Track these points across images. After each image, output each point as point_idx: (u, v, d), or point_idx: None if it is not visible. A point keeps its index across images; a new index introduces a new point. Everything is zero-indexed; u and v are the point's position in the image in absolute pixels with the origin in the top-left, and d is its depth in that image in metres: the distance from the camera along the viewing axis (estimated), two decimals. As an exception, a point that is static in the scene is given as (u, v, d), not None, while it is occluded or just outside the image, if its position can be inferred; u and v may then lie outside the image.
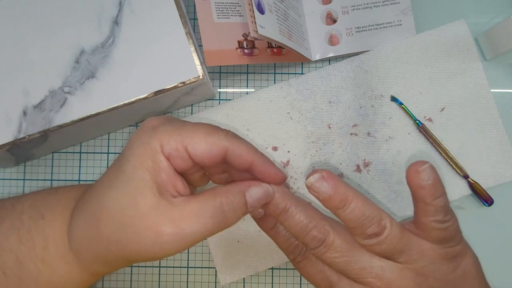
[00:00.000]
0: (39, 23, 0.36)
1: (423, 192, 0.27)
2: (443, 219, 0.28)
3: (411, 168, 0.28)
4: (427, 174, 0.27)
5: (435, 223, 0.28)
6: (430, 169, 0.27)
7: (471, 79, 0.43)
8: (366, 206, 0.27)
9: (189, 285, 0.43)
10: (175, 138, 0.26)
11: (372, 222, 0.27)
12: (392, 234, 0.27)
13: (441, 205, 0.28)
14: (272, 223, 0.31)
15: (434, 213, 0.28)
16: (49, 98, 0.35)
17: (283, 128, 0.43)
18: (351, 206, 0.27)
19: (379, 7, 0.44)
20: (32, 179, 0.44)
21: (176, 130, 0.27)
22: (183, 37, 0.36)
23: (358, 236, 0.28)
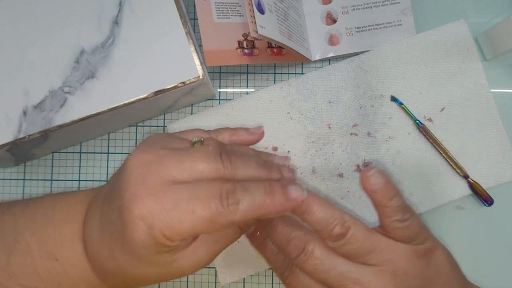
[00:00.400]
0: (39, 23, 0.36)
1: (376, 195, 0.29)
2: (402, 218, 0.29)
3: (362, 175, 0.29)
4: (376, 178, 0.29)
5: (395, 222, 0.29)
6: (378, 173, 0.29)
7: (471, 79, 0.43)
8: (328, 208, 0.29)
9: (189, 285, 0.43)
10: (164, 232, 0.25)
11: (336, 223, 0.28)
12: (356, 233, 0.28)
13: (397, 205, 0.29)
14: (261, 238, 0.32)
15: (392, 214, 0.29)
16: (49, 98, 0.35)
17: (283, 128, 0.43)
18: (314, 208, 0.28)
19: (379, 7, 0.44)
20: (32, 179, 0.44)
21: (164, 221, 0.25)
22: (183, 37, 0.36)
23: (326, 239, 0.29)
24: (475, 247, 0.42)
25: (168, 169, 0.25)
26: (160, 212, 0.24)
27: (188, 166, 0.25)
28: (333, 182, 0.42)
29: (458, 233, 0.43)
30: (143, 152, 0.26)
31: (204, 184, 0.25)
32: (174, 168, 0.25)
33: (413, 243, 0.30)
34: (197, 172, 0.25)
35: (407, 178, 0.42)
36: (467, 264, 0.42)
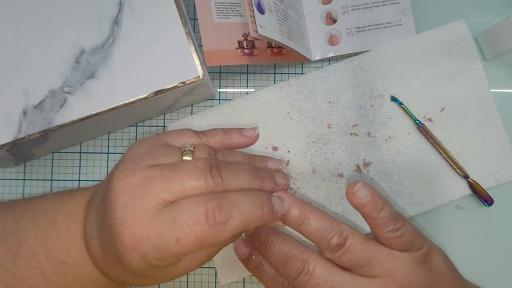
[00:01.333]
0: (39, 23, 0.36)
1: (366, 209, 0.28)
2: (395, 227, 0.29)
3: (347, 191, 0.29)
4: (362, 192, 0.28)
5: (389, 233, 0.29)
6: (364, 187, 0.28)
7: (471, 79, 0.43)
8: (325, 219, 0.28)
9: (189, 285, 0.43)
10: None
11: (334, 234, 0.28)
12: (355, 242, 0.28)
13: (387, 215, 0.28)
14: (257, 262, 0.32)
15: (384, 225, 0.28)
16: (49, 98, 0.35)
17: (283, 128, 0.43)
18: (310, 220, 0.28)
19: (379, 7, 0.44)
20: (32, 179, 0.44)
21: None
22: (183, 37, 0.36)
23: (324, 251, 0.28)
24: (475, 247, 0.42)
25: (156, 193, 0.24)
26: (149, 241, 0.23)
27: (178, 186, 0.24)
28: (333, 182, 0.42)
29: (458, 233, 0.43)
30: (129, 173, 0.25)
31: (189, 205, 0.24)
32: (162, 191, 0.24)
33: (411, 250, 0.29)
34: (187, 189, 0.24)
35: (407, 178, 0.42)
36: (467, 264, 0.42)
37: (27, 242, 0.29)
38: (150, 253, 0.24)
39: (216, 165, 0.26)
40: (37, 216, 0.30)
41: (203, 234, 0.23)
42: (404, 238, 0.29)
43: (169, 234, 0.23)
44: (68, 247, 0.29)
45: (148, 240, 0.23)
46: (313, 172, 0.42)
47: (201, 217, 0.23)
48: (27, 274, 0.28)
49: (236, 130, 0.31)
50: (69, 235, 0.29)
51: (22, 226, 0.29)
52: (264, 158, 0.31)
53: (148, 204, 0.24)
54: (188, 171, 0.25)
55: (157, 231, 0.23)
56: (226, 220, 0.24)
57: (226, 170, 0.26)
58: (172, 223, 0.23)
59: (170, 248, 0.23)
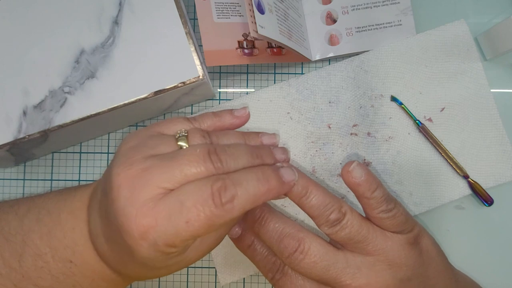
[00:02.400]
0: (39, 23, 0.36)
1: (360, 188, 0.29)
2: (387, 208, 0.29)
3: (343, 170, 0.30)
4: (357, 172, 0.29)
5: (382, 213, 0.29)
6: (359, 167, 0.29)
7: (471, 79, 0.43)
8: (326, 194, 0.29)
9: (189, 285, 0.43)
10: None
11: (333, 209, 0.29)
12: (352, 218, 0.29)
13: (380, 195, 0.29)
14: (249, 241, 0.31)
15: (377, 205, 0.29)
16: (49, 98, 0.35)
17: (283, 128, 0.43)
18: (312, 193, 0.29)
19: (379, 7, 0.44)
20: (32, 179, 0.44)
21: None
22: (183, 37, 0.36)
23: (322, 225, 0.29)
24: (475, 247, 0.42)
25: (156, 183, 0.24)
26: (158, 229, 0.23)
27: (178, 174, 0.24)
28: (333, 182, 0.42)
29: (458, 233, 0.43)
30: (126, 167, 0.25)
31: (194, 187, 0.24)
32: (162, 180, 0.24)
33: (403, 232, 0.30)
34: (189, 177, 0.24)
35: (407, 178, 0.42)
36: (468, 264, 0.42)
37: (33, 242, 0.29)
38: (160, 240, 0.24)
39: (214, 150, 0.26)
40: (41, 216, 0.30)
41: (212, 214, 0.23)
42: (396, 219, 0.30)
43: (179, 217, 0.23)
44: (75, 246, 0.29)
45: (157, 227, 0.23)
46: (313, 172, 0.42)
47: (208, 198, 0.23)
48: (35, 273, 0.28)
49: (226, 111, 0.31)
50: (74, 234, 0.29)
51: (26, 226, 0.29)
52: (258, 134, 0.31)
53: (149, 194, 0.24)
54: (187, 159, 0.25)
55: (165, 216, 0.23)
56: (232, 198, 0.24)
57: (225, 154, 0.26)
58: (180, 207, 0.23)
59: (180, 232, 0.23)
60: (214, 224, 0.24)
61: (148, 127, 0.29)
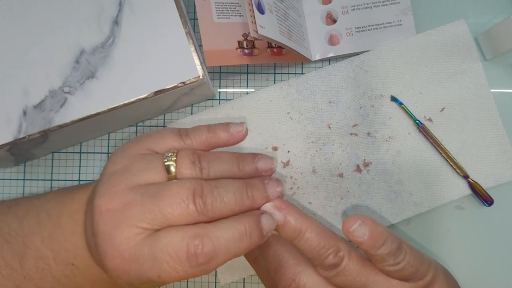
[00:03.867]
0: (39, 23, 0.36)
1: (363, 247, 0.26)
2: (394, 262, 0.27)
3: (344, 227, 0.27)
4: (360, 232, 0.26)
5: (388, 267, 0.27)
6: (361, 227, 0.26)
7: (471, 79, 0.43)
8: (322, 236, 0.26)
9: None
10: None
11: (329, 253, 0.26)
12: (350, 265, 0.26)
13: (386, 252, 0.26)
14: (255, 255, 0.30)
15: (383, 260, 0.27)
16: (49, 98, 0.35)
17: (283, 128, 0.43)
18: (306, 236, 0.26)
19: (379, 7, 0.44)
20: (32, 179, 0.44)
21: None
22: (183, 37, 0.36)
23: (318, 267, 0.27)
24: (475, 247, 0.42)
25: (136, 222, 0.23)
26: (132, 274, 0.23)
27: (159, 216, 0.23)
28: (333, 182, 0.42)
29: (458, 233, 0.43)
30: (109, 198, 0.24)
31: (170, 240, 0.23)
32: (142, 221, 0.23)
33: (412, 280, 0.27)
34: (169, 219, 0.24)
35: (407, 178, 0.42)
36: (468, 264, 0.42)
37: (34, 245, 0.29)
38: (135, 281, 0.24)
39: (201, 190, 0.24)
40: (41, 219, 0.30)
41: (185, 272, 0.23)
42: (404, 272, 0.27)
43: (150, 270, 0.23)
44: (76, 249, 0.29)
45: (131, 272, 0.23)
46: (313, 172, 0.42)
47: (182, 256, 0.22)
48: (36, 275, 0.28)
49: (221, 127, 0.29)
50: (75, 238, 0.29)
51: (26, 228, 0.29)
52: (254, 157, 0.28)
53: (127, 234, 0.23)
54: (170, 200, 0.24)
55: (138, 265, 0.23)
56: (210, 259, 0.23)
57: (211, 196, 0.24)
58: (153, 260, 0.23)
59: (153, 281, 0.23)
60: (188, 277, 0.23)
61: (137, 141, 0.27)
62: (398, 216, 0.42)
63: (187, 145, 0.27)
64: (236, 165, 0.27)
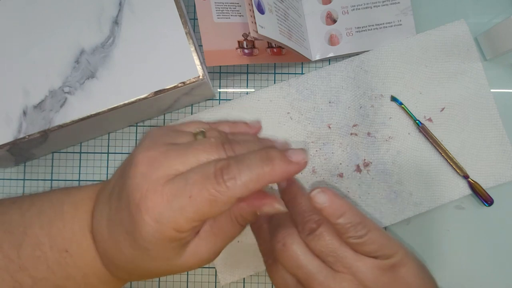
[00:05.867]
0: (39, 23, 0.36)
1: (324, 213, 0.29)
2: (356, 235, 0.29)
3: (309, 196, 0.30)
4: (319, 198, 0.29)
5: (349, 239, 0.30)
6: (321, 194, 0.29)
7: (471, 79, 0.43)
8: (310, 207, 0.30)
9: (189, 285, 0.43)
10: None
11: (310, 218, 0.30)
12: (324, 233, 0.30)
13: (346, 222, 0.29)
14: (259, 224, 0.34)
15: (344, 231, 0.29)
16: (49, 98, 0.35)
17: (283, 128, 0.43)
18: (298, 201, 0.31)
19: (379, 7, 0.44)
20: (32, 179, 0.44)
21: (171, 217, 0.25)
22: (183, 37, 0.36)
23: (300, 232, 0.31)
24: (475, 247, 0.42)
25: (171, 164, 0.25)
26: (164, 206, 0.24)
27: (192, 159, 0.26)
28: (333, 182, 0.42)
29: (458, 233, 0.43)
30: (147, 149, 0.26)
31: (199, 167, 0.25)
32: (177, 162, 0.25)
33: (378, 258, 0.30)
34: (201, 162, 0.26)
35: (407, 178, 0.42)
36: (467, 264, 0.42)
37: (33, 232, 0.29)
38: (164, 217, 0.24)
39: (228, 140, 0.27)
40: (44, 209, 0.30)
41: (214, 190, 0.24)
42: (366, 247, 0.30)
43: (183, 193, 0.24)
44: (73, 236, 0.29)
45: (163, 203, 0.24)
46: (313, 172, 0.42)
47: (210, 174, 0.24)
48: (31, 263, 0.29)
49: (241, 121, 0.33)
50: (74, 223, 0.29)
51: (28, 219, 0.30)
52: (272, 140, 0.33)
53: (163, 173, 0.25)
54: (202, 147, 0.26)
55: (171, 193, 0.24)
56: (234, 176, 0.25)
57: (238, 145, 0.27)
58: (185, 184, 0.24)
59: (184, 208, 0.24)
60: (216, 201, 0.24)
61: (169, 125, 0.31)
62: (398, 216, 0.42)
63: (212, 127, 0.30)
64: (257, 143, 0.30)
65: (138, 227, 0.25)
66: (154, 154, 0.26)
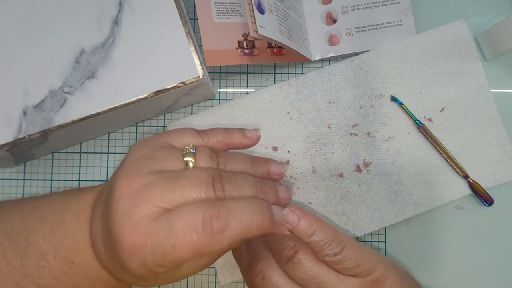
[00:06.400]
0: (39, 23, 0.36)
1: (295, 232, 0.28)
2: (332, 253, 0.28)
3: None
4: (289, 217, 0.27)
5: (327, 257, 0.29)
6: (290, 212, 0.28)
7: (471, 79, 0.43)
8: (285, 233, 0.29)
9: (189, 285, 0.43)
10: None
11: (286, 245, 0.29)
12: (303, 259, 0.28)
13: (319, 239, 0.28)
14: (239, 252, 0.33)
15: (319, 249, 0.28)
16: (49, 98, 0.35)
17: (283, 128, 0.43)
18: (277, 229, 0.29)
19: (379, 7, 0.44)
20: (32, 179, 0.44)
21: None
22: (183, 37, 0.36)
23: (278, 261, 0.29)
24: (475, 247, 0.42)
25: (155, 201, 0.24)
26: (146, 248, 0.23)
27: (178, 197, 0.24)
28: (333, 182, 0.42)
29: (458, 233, 0.43)
30: (129, 178, 0.25)
31: (187, 210, 0.23)
32: (161, 200, 0.24)
33: (359, 275, 0.29)
34: (188, 201, 0.24)
35: (407, 178, 0.42)
36: (467, 264, 0.42)
37: (36, 241, 0.29)
38: (148, 259, 0.24)
39: (219, 177, 0.25)
40: (45, 216, 0.30)
41: (200, 242, 0.23)
42: (343, 264, 0.29)
43: (166, 240, 0.23)
44: (76, 246, 0.29)
45: (146, 246, 0.23)
46: (313, 172, 0.42)
47: (198, 224, 0.23)
48: (36, 273, 0.28)
49: (238, 130, 0.31)
50: (77, 233, 0.29)
51: (30, 226, 0.29)
52: (267, 161, 0.31)
53: (146, 211, 0.24)
54: (190, 182, 0.24)
55: (154, 237, 0.23)
56: (224, 228, 0.23)
57: (229, 184, 0.26)
58: (169, 229, 0.23)
59: (167, 254, 0.23)
60: (202, 251, 0.23)
61: (158, 136, 0.29)
62: (398, 216, 0.42)
63: (204, 142, 0.29)
64: (250, 165, 0.29)
65: (125, 264, 0.24)
66: (137, 187, 0.24)
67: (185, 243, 0.23)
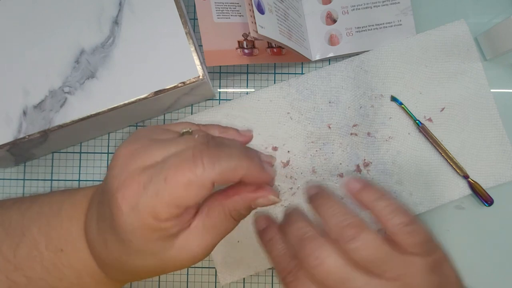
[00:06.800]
0: (39, 23, 0.36)
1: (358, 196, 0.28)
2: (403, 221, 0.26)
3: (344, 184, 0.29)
4: (353, 183, 0.28)
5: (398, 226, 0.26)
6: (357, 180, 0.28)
7: (471, 79, 0.43)
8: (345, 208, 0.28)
9: (189, 285, 0.43)
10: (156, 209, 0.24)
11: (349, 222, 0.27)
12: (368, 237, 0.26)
13: (384, 205, 0.27)
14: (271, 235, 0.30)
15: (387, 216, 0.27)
16: (49, 98, 0.35)
17: (283, 128, 0.43)
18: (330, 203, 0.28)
19: (379, 7, 0.44)
20: (32, 179, 0.44)
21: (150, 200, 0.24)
22: (183, 37, 0.36)
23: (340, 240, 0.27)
24: (475, 247, 0.42)
25: (151, 155, 0.25)
26: (140, 193, 0.24)
27: (173, 152, 0.25)
28: (333, 182, 0.42)
29: (458, 233, 0.43)
30: (130, 143, 0.26)
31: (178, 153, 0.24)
32: (157, 154, 0.25)
33: (424, 254, 0.27)
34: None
35: (407, 178, 0.42)
36: (467, 264, 0.42)
37: (31, 233, 0.29)
38: (140, 204, 0.24)
39: (214, 139, 0.27)
40: (42, 210, 0.30)
41: (190, 171, 0.23)
42: (416, 237, 0.27)
43: (158, 176, 0.24)
44: (69, 235, 0.29)
45: (139, 189, 0.24)
46: (313, 172, 0.42)
47: (188, 156, 0.24)
48: (27, 263, 0.29)
49: (232, 128, 0.32)
50: (71, 223, 0.29)
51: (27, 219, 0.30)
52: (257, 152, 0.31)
53: (141, 163, 0.25)
54: (185, 140, 0.26)
55: (147, 178, 0.24)
56: (213, 160, 0.24)
57: (222, 144, 0.27)
58: (161, 167, 0.24)
59: (159, 193, 0.23)
60: (191, 184, 0.24)
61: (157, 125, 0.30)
62: (398, 216, 0.42)
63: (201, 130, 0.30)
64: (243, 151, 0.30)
65: (116, 217, 0.24)
66: (136, 147, 0.26)
67: (175, 173, 0.23)
